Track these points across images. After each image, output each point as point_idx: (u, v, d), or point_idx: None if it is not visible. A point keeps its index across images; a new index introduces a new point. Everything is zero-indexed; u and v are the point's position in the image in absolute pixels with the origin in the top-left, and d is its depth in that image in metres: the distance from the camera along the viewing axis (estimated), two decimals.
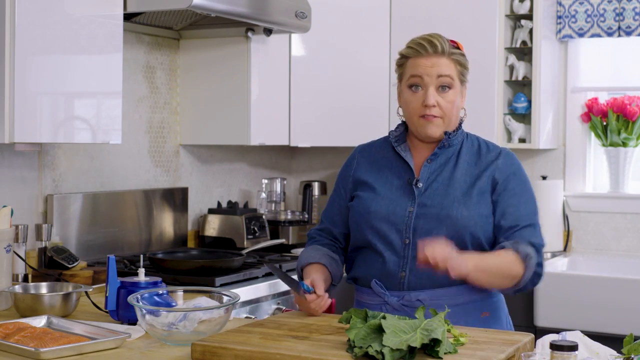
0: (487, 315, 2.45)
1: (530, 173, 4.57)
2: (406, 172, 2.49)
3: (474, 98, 4.32)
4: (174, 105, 4.10)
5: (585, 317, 3.79)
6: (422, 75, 2.43)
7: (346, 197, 2.58)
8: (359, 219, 2.49)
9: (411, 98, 2.46)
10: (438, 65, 2.44)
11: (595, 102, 4.45)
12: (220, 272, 3.37)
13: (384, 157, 2.55)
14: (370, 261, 2.48)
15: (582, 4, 4.38)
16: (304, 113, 4.28)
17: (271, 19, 3.71)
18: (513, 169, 2.48)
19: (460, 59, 2.49)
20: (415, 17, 4.39)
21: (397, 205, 2.44)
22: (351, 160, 2.62)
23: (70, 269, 3.19)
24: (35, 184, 3.39)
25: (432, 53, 2.44)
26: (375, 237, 2.45)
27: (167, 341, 2.23)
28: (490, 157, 2.50)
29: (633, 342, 2.01)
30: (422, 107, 2.43)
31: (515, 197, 2.44)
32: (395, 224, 2.43)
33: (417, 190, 2.45)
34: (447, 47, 2.46)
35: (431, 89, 2.43)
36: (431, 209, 2.41)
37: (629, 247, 4.43)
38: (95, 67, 3.13)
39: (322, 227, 2.64)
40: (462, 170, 2.47)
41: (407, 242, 2.42)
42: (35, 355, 2.07)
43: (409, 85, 2.46)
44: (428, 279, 2.40)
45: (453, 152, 2.50)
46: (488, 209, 2.43)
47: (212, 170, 4.37)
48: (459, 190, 2.43)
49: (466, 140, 2.54)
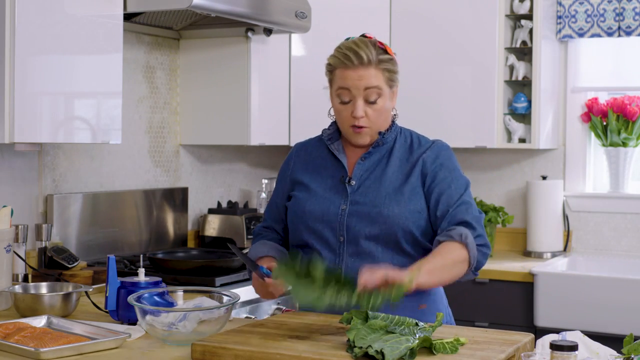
0: (425, 307, 2.47)
1: (530, 173, 4.60)
2: (339, 171, 2.52)
3: (474, 98, 4.34)
4: (174, 105, 4.10)
5: (585, 317, 3.79)
6: (350, 88, 2.42)
7: (284, 197, 2.62)
8: (295, 219, 2.52)
9: (340, 108, 2.47)
10: (365, 78, 2.41)
11: (595, 102, 4.45)
12: (220, 272, 3.37)
13: (319, 156, 2.58)
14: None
15: (582, 4, 4.38)
16: (304, 113, 4.28)
17: (271, 19, 3.71)
18: (440, 160, 2.48)
19: (388, 66, 2.44)
20: (415, 18, 4.40)
21: (331, 204, 2.47)
22: (289, 159, 2.66)
23: (70, 269, 3.19)
24: (35, 184, 3.39)
25: (358, 65, 2.41)
26: (311, 237, 2.49)
27: (167, 341, 2.23)
28: (420, 151, 2.50)
29: (633, 342, 2.01)
30: (351, 118, 2.45)
31: (444, 184, 2.45)
32: (329, 222, 2.46)
33: (349, 188, 2.47)
34: (373, 56, 2.41)
35: (359, 101, 2.42)
36: (363, 206, 2.44)
37: (629, 247, 4.43)
38: (95, 67, 3.13)
39: (266, 225, 2.67)
40: (394, 167, 2.49)
41: (341, 240, 2.45)
42: (35, 355, 2.07)
43: (338, 98, 2.47)
44: None
45: (386, 150, 2.52)
46: (421, 204, 2.44)
47: (212, 170, 4.37)
48: (390, 187, 2.45)
49: (399, 136, 2.55)
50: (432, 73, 4.38)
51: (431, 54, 4.37)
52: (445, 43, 4.37)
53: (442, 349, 1.98)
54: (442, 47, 4.37)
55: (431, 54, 4.37)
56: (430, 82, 4.38)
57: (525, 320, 3.93)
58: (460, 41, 4.35)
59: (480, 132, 4.31)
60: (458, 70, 4.37)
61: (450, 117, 4.33)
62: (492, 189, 4.64)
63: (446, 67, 4.38)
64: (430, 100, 4.39)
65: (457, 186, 2.45)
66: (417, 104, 4.35)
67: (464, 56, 4.34)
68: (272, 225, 2.66)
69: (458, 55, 4.35)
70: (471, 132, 4.31)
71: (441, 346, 1.98)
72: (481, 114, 4.31)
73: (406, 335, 1.99)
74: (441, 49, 4.37)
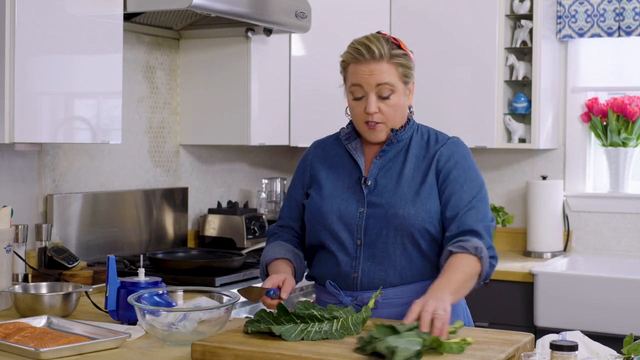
0: None
1: (530, 173, 4.60)
2: (356, 170, 2.49)
3: (474, 98, 4.34)
4: (174, 105, 4.10)
5: (585, 317, 3.79)
6: (362, 84, 2.40)
7: (303, 193, 2.58)
8: (312, 219, 2.50)
9: (353, 104, 2.45)
10: (377, 72, 2.39)
11: (595, 102, 4.45)
12: (220, 272, 3.37)
13: (337, 154, 2.55)
14: (325, 261, 2.49)
15: (582, 4, 4.38)
16: (304, 113, 4.28)
17: (271, 19, 3.71)
18: (456, 157, 2.46)
19: (401, 61, 2.42)
20: (415, 17, 4.40)
21: (349, 205, 2.44)
22: (307, 156, 2.63)
23: (70, 269, 3.19)
24: (35, 184, 3.39)
25: (369, 59, 2.38)
26: (328, 238, 2.46)
27: (167, 341, 2.23)
28: (436, 148, 2.48)
29: (633, 342, 2.01)
30: (364, 114, 2.43)
31: (456, 185, 2.42)
32: (347, 224, 2.43)
33: (366, 189, 2.45)
34: (385, 50, 2.39)
35: (372, 97, 2.40)
36: (380, 208, 2.41)
37: (629, 247, 4.43)
38: (95, 67, 3.13)
39: (282, 224, 2.63)
40: (410, 165, 2.46)
41: (359, 243, 2.43)
42: (35, 355, 2.08)
43: (352, 94, 2.45)
44: (380, 279, 2.42)
45: (402, 147, 2.49)
46: (438, 204, 2.42)
47: (212, 170, 4.37)
48: (407, 187, 2.42)
49: (416, 133, 2.52)
50: (432, 73, 4.38)
51: (431, 54, 4.37)
52: (445, 43, 4.37)
53: (449, 349, 1.98)
54: (442, 47, 4.37)
55: (431, 54, 4.37)
56: (430, 81, 4.37)
57: (525, 320, 3.93)
58: (460, 41, 4.35)
59: (480, 132, 4.31)
60: (458, 70, 4.37)
61: (451, 116, 4.33)
62: (492, 189, 4.64)
63: (446, 66, 4.38)
64: (431, 100, 4.38)
65: (469, 187, 2.42)
66: (417, 103, 4.29)
67: (464, 56, 4.34)
68: (290, 224, 2.61)
69: (458, 55, 4.35)
70: (471, 132, 4.31)
71: (448, 346, 1.99)
72: (481, 113, 4.31)
73: (422, 337, 1.99)
74: (441, 48, 4.37)
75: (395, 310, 2.39)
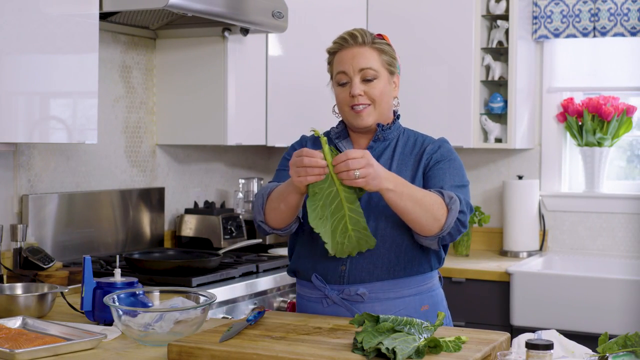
0: (427, 308, 2.48)
1: (506, 173, 4.62)
2: None
3: (450, 98, 4.35)
4: (150, 105, 4.09)
5: (560, 316, 3.81)
6: (346, 70, 2.46)
7: None
8: (302, 207, 2.44)
9: (339, 91, 2.50)
10: (359, 56, 2.46)
11: (570, 102, 4.48)
12: (196, 272, 3.36)
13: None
14: (311, 253, 2.49)
15: (558, 5, 4.40)
16: (281, 113, 4.27)
17: (248, 18, 3.71)
18: (442, 153, 2.50)
19: (384, 47, 2.50)
20: (392, 18, 4.40)
21: None
22: (303, 142, 2.64)
23: (46, 270, 3.18)
24: (10, 184, 3.37)
25: (353, 44, 2.47)
26: None
27: (144, 342, 2.22)
28: (425, 145, 2.53)
29: (608, 340, 2.02)
30: (349, 98, 2.47)
31: (440, 171, 2.46)
32: None
33: None
34: (368, 38, 2.48)
35: (356, 80, 2.46)
36: (369, 201, 2.43)
37: (604, 246, 4.45)
38: (71, 66, 3.11)
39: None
40: (398, 161, 2.49)
41: None
42: (10, 356, 2.06)
43: (337, 82, 2.50)
44: (368, 272, 2.44)
45: (390, 145, 2.53)
46: None
47: (189, 170, 4.36)
48: None
49: (402, 135, 2.57)
50: (408, 73, 4.36)
51: (407, 54, 4.37)
52: (421, 43, 4.38)
53: (446, 348, 2.00)
54: (418, 48, 4.38)
55: (407, 54, 4.37)
56: (406, 82, 4.34)
57: (502, 320, 3.94)
58: (436, 41, 4.36)
59: (457, 132, 4.32)
60: (434, 70, 4.38)
61: (427, 116, 4.34)
62: None
63: (422, 67, 4.39)
64: (406, 100, 4.37)
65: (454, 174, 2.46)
66: None
67: (440, 56, 4.36)
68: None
69: (434, 56, 4.37)
70: (447, 132, 4.29)
71: (445, 345, 2.00)
72: (457, 114, 4.32)
73: (413, 335, 2.00)
74: (417, 49, 4.38)
75: (384, 304, 2.40)
